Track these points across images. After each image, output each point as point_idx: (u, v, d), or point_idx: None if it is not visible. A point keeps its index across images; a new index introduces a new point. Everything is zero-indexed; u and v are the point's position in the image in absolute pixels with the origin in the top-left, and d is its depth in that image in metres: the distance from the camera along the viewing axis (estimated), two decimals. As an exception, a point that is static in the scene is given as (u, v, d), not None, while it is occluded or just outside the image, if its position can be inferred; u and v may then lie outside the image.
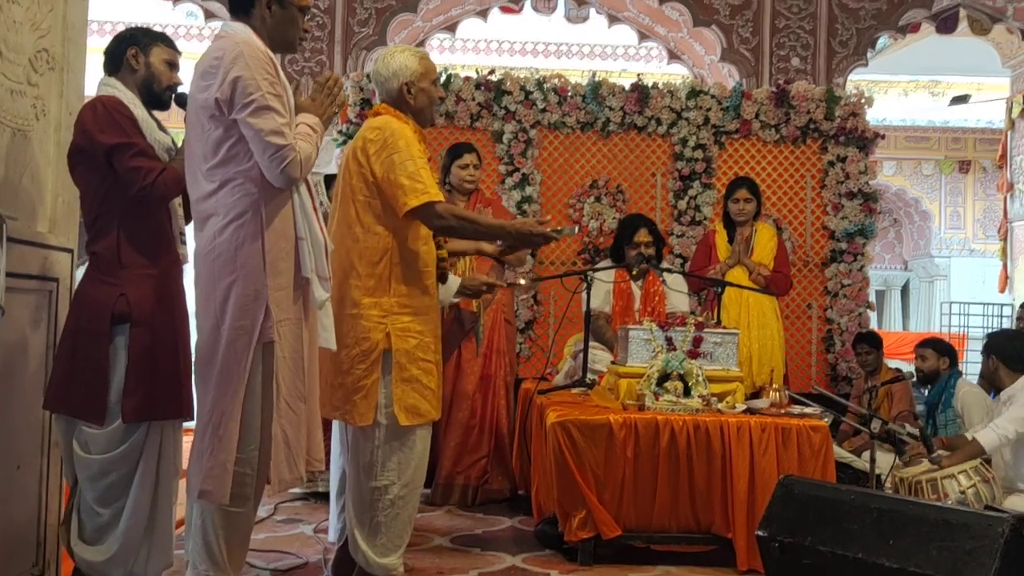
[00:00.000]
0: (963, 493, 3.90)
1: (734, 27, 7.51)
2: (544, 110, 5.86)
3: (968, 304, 12.51)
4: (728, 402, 3.70)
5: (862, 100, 6.06)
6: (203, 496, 2.48)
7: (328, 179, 4.37)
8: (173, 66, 2.88)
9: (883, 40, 8.08)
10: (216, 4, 7.29)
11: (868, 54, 7.58)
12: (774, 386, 3.88)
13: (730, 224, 5.14)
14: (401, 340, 2.89)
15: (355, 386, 2.87)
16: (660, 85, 6.03)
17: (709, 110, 5.93)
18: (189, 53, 3.26)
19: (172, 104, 2.90)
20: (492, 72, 5.95)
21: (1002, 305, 11.23)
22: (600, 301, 4.69)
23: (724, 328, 4.00)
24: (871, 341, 5.56)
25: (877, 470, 3.85)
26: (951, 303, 12.94)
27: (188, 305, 2.84)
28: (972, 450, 4.13)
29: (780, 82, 6.34)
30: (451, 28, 8.43)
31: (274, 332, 2.51)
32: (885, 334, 6.48)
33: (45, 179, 2.96)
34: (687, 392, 3.63)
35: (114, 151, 2.66)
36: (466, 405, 4.63)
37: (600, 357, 4.43)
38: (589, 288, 4.31)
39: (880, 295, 15.72)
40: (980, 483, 3.93)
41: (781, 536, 2.66)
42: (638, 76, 6.10)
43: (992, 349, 4.42)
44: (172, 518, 2.81)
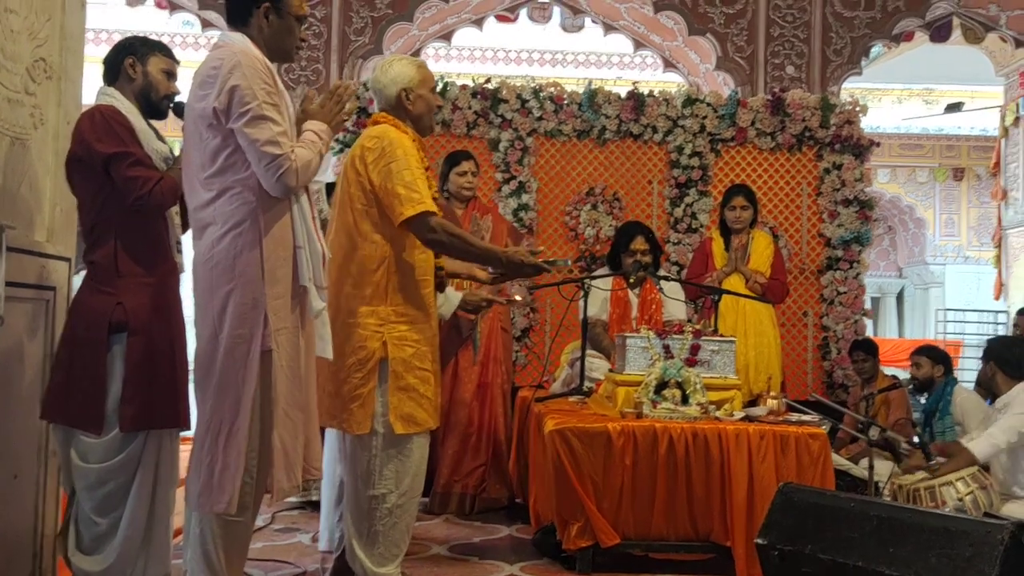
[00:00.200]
0: (961, 500, 3.90)
1: (729, 36, 7.53)
2: (540, 118, 5.88)
3: (963, 311, 12.55)
4: (726, 410, 3.70)
5: (857, 108, 6.08)
6: (206, 507, 2.47)
7: (330, 187, 4.36)
8: (171, 75, 2.88)
9: (877, 48, 8.13)
10: (213, 14, 7.30)
11: (862, 62, 7.61)
12: (772, 394, 3.87)
13: (726, 232, 5.14)
14: (398, 349, 2.89)
15: (352, 395, 2.86)
16: (656, 93, 6.05)
17: (705, 118, 5.95)
18: (186, 62, 3.25)
19: (170, 114, 2.89)
20: (488, 80, 5.97)
21: (997, 312, 11.27)
22: (597, 309, 4.68)
23: (721, 336, 4.00)
24: (867, 348, 5.56)
25: (875, 477, 3.85)
26: (946, 310, 12.98)
27: (186, 314, 2.83)
28: (965, 459, 4.13)
29: (775, 90, 6.37)
30: (447, 37, 8.45)
31: (272, 341, 2.51)
32: (880, 341, 6.49)
33: (43, 188, 2.96)
34: (685, 400, 3.63)
35: (111, 160, 2.65)
36: (463, 413, 4.62)
37: (597, 365, 4.42)
38: (586, 296, 4.31)
39: (875, 302, 15.77)
40: (978, 490, 3.93)
41: (781, 544, 2.66)
42: (634, 84, 6.12)
43: (991, 355, 4.41)
44: (170, 528, 2.80)
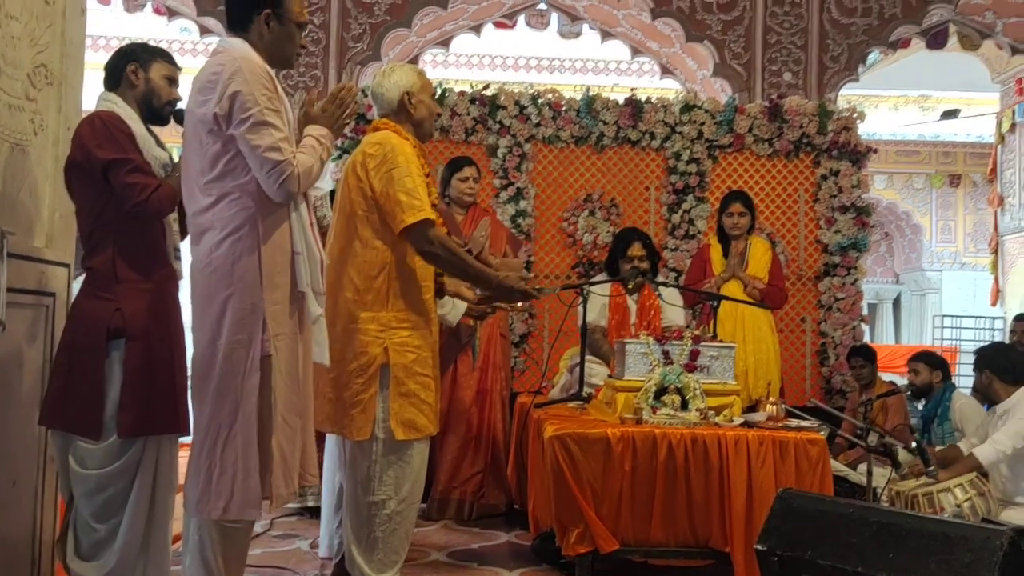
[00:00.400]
0: (959, 507, 3.90)
1: (726, 42, 7.55)
2: (538, 124, 5.89)
3: (960, 317, 12.56)
4: (725, 415, 3.69)
5: (854, 115, 6.10)
6: (203, 512, 2.46)
7: (333, 194, 4.37)
8: (173, 82, 2.88)
9: (874, 55, 8.14)
10: (211, 20, 7.30)
11: (859, 69, 7.63)
12: (771, 399, 3.87)
13: (724, 238, 5.14)
14: (399, 355, 2.89)
15: (352, 400, 2.86)
16: (654, 100, 6.07)
17: (703, 124, 5.96)
18: (184, 68, 3.25)
19: (171, 120, 2.89)
20: (487, 87, 5.98)
21: (993, 318, 11.29)
22: (596, 315, 4.68)
23: (721, 342, 4.00)
24: (865, 355, 5.57)
25: (873, 483, 3.85)
26: (943, 316, 12.99)
27: (184, 320, 2.83)
28: (969, 464, 4.13)
29: (773, 97, 6.38)
30: (445, 43, 8.46)
31: (271, 346, 2.50)
32: (877, 347, 6.49)
33: (43, 194, 2.96)
34: (684, 406, 3.62)
35: (110, 166, 2.65)
36: (462, 419, 4.62)
37: (596, 371, 4.42)
38: (585, 302, 4.31)
39: (872, 308, 15.77)
40: (976, 496, 3.93)
41: (780, 550, 2.65)
42: (632, 91, 6.12)
43: (984, 363, 4.41)
44: (169, 534, 2.79)
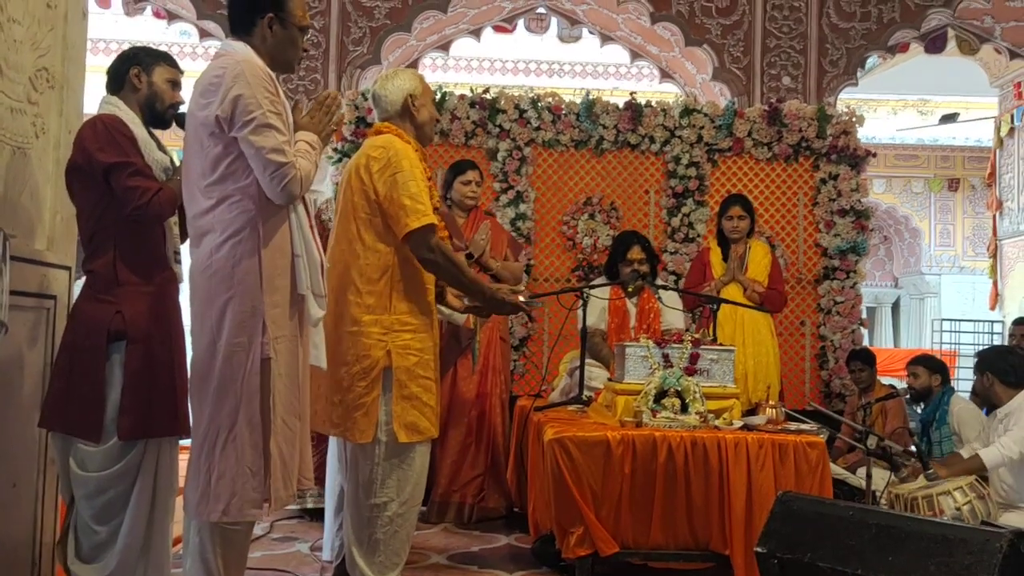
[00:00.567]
0: (959, 510, 3.90)
1: (725, 46, 7.57)
2: (538, 128, 5.89)
3: (959, 321, 12.57)
4: (725, 419, 3.70)
5: (853, 119, 6.11)
6: (203, 515, 2.46)
7: None
8: (175, 85, 2.89)
9: (873, 60, 8.16)
10: (211, 23, 7.31)
11: (858, 73, 7.65)
12: (770, 403, 3.88)
13: (724, 241, 5.15)
14: (401, 358, 2.89)
15: (355, 403, 2.86)
16: (653, 103, 6.07)
17: (702, 128, 5.97)
18: (184, 71, 3.26)
19: (173, 123, 2.89)
20: (487, 90, 5.98)
21: (992, 322, 11.29)
22: (596, 318, 4.69)
23: (720, 345, 4.01)
24: (865, 358, 5.58)
25: (872, 487, 3.86)
26: (942, 320, 12.99)
27: (184, 323, 2.83)
28: (973, 465, 4.13)
29: (772, 101, 6.39)
30: (444, 47, 8.48)
31: (271, 349, 2.51)
32: (876, 351, 6.49)
33: (44, 197, 2.96)
34: (684, 409, 3.63)
35: (112, 170, 2.65)
36: (462, 423, 4.63)
37: (596, 374, 4.43)
38: (585, 305, 4.32)
39: (871, 312, 15.79)
40: (976, 500, 3.93)
41: (780, 552, 2.65)
42: (631, 95, 6.13)
43: (985, 366, 4.41)
44: (169, 536, 2.79)
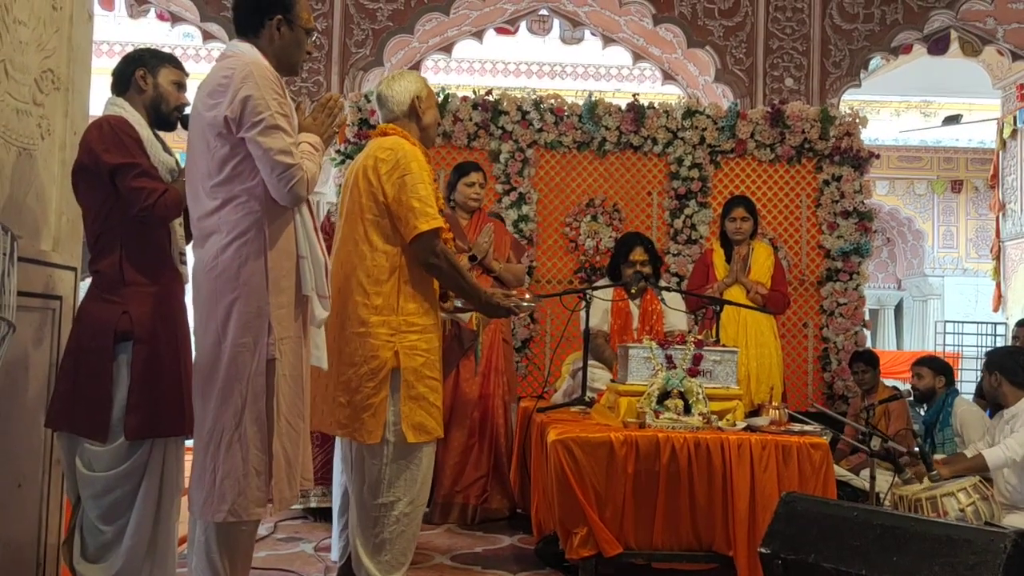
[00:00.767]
0: (962, 511, 3.89)
1: (728, 48, 7.57)
2: (541, 130, 5.90)
3: (962, 323, 12.56)
4: (728, 420, 3.70)
5: (856, 120, 6.11)
6: (208, 515, 2.47)
7: None
8: (181, 87, 2.90)
9: (875, 61, 8.16)
10: (214, 26, 7.32)
11: (861, 75, 7.65)
12: (773, 404, 3.88)
13: (727, 243, 5.16)
14: (409, 358, 2.90)
15: (363, 404, 2.87)
16: (656, 105, 6.08)
17: (705, 130, 5.97)
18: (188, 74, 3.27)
19: (179, 125, 2.90)
20: (489, 92, 5.99)
21: (995, 324, 11.28)
22: (598, 319, 4.69)
23: (723, 346, 4.01)
24: (868, 360, 5.57)
25: (876, 488, 3.86)
26: (945, 322, 12.98)
27: (188, 323, 2.84)
28: (976, 464, 4.12)
29: (775, 102, 6.40)
30: (447, 49, 8.49)
31: (276, 350, 2.52)
32: (879, 353, 6.49)
33: (49, 198, 2.97)
34: (687, 410, 3.63)
35: (118, 171, 2.66)
36: (465, 424, 4.63)
37: (599, 375, 4.43)
38: (588, 307, 4.32)
39: (874, 314, 15.77)
40: (979, 501, 3.92)
41: (784, 553, 2.66)
42: (634, 96, 6.14)
43: (995, 366, 4.38)
44: (175, 536, 2.80)
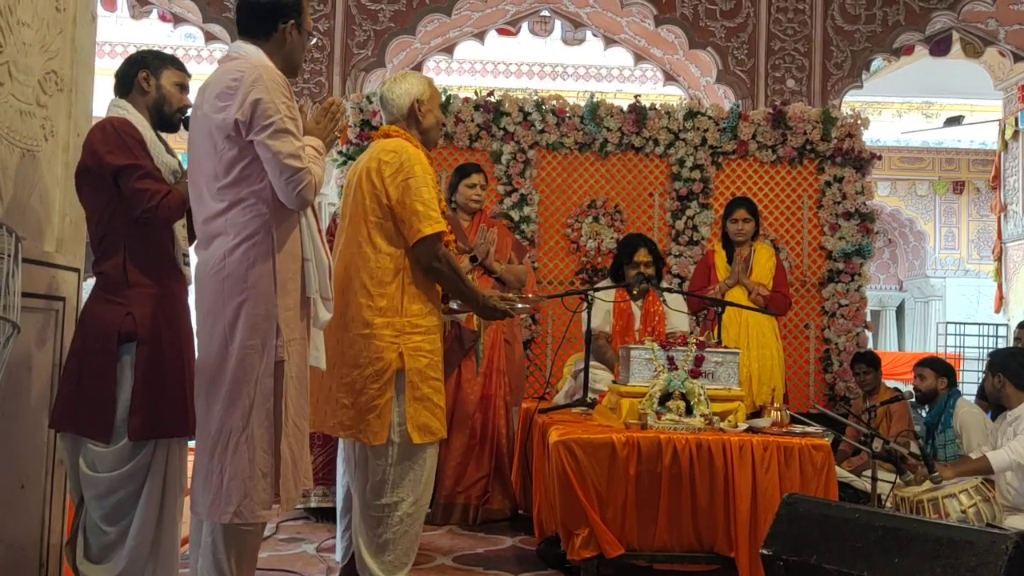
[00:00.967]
0: (964, 512, 3.90)
1: (730, 49, 7.57)
2: (542, 131, 5.90)
3: (963, 324, 12.55)
4: (730, 421, 3.71)
5: (858, 121, 6.10)
6: (215, 516, 2.47)
7: None
8: (183, 88, 2.90)
9: (877, 62, 8.16)
10: (216, 27, 7.33)
11: (863, 76, 7.65)
12: (775, 405, 3.88)
13: (729, 244, 5.16)
14: (413, 360, 2.91)
15: (368, 405, 2.88)
16: (658, 106, 6.08)
17: (706, 131, 5.97)
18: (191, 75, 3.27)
19: (181, 127, 2.91)
20: (491, 93, 5.99)
21: (997, 325, 11.28)
22: (600, 321, 4.70)
23: (725, 347, 4.01)
24: (869, 361, 5.57)
25: (877, 490, 3.86)
26: (947, 323, 12.97)
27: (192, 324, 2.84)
28: (980, 466, 4.12)
29: (776, 103, 6.40)
30: (449, 50, 8.50)
31: (284, 351, 2.53)
32: (881, 354, 6.49)
33: (53, 199, 2.98)
34: (689, 411, 3.64)
35: (121, 172, 2.67)
36: (466, 424, 4.63)
37: (600, 376, 4.44)
38: (590, 308, 4.33)
39: (875, 315, 15.77)
40: (981, 502, 3.93)
41: (786, 554, 2.66)
42: (635, 97, 6.14)
43: (998, 367, 4.37)
44: (177, 536, 2.81)
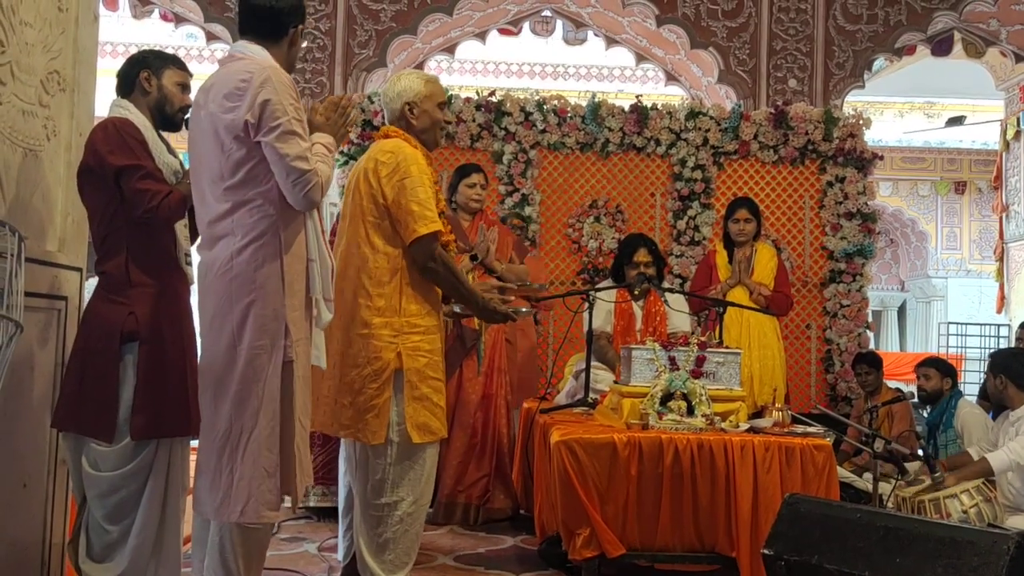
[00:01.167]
0: (965, 512, 3.90)
1: (731, 49, 7.57)
2: (544, 131, 5.91)
3: (965, 325, 12.53)
4: (731, 421, 3.70)
5: (860, 121, 6.10)
6: (223, 516, 2.48)
7: None
8: (185, 88, 2.90)
9: (879, 62, 8.16)
10: (218, 26, 7.33)
11: (864, 76, 7.65)
12: (776, 405, 3.88)
13: (730, 244, 5.16)
14: (412, 359, 2.92)
15: (367, 405, 2.88)
16: (659, 106, 6.08)
17: (708, 131, 5.97)
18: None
19: (183, 126, 2.91)
20: (492, 93, 5.99)
21: (999, 326, 11.26)
22: (601, 321, 4.69)
23: (726, 348, 4.01)
24: (871, 361, 5.57)
25: (879, 490, 3.86)
26: (948, 324, 12.96)
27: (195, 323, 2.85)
28: (980, 469, 4.12)
29: (778, 103, 6.39)
30: (450, 50, 8.50)
31: (292, 352, 2.54)
32: (882, 355, 6.49)
33: (55, 198, 2.98)
34: (690, 411, 3.63)
35: (123, 172, 2.67)
36: (467, 424, 4.63)
37: (601, 377, 4.44)
38: (591, 308, 4.32)
39: (877, 315, 15.75)
40: (982, 502, 3.93)
41: (787, 554, 2.66)
42: (637, 97, 6.14)
43: (1000, 368, 4.36)
44: (180, 535, 2.81)
